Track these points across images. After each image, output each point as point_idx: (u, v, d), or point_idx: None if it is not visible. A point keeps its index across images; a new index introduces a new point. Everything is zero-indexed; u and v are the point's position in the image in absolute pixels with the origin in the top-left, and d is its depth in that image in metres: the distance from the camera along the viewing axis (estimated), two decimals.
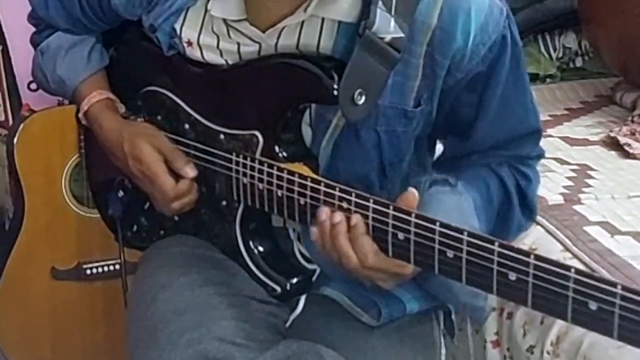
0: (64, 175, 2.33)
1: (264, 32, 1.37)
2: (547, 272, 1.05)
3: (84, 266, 2.39)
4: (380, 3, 1.26)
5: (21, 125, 2.33)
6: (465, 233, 1.13)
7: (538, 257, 1.06)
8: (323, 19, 1.34)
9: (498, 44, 1.34)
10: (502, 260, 1.09)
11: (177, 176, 1.47)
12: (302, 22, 1.35)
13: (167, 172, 1.46)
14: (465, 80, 1.35)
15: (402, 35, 1.27)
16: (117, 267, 2.25)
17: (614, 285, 0.99)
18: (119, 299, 1.75)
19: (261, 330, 1.42)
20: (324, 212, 1.26)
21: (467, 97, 1.38)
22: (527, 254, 1.07)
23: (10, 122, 2.82)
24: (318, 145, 1.39)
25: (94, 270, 2.39)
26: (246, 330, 1.39)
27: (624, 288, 0.99)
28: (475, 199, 1.35)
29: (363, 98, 1.28)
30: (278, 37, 1.37)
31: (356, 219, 1.23)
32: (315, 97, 1.34)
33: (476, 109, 1.38)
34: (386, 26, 1.26)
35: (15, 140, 2.32)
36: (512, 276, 1.08)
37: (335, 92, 1.28)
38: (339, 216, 1.24)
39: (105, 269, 2.39)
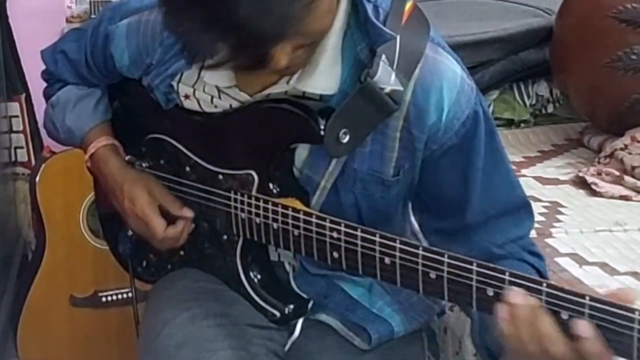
0: (82, 210, 2.36)
1: (251, 96, 1.36)
2: (521, 287, 1.08)
3: (100, 294, 2.41)
4: (384, 57, 1.26)
5: (43, 166, 2.36)
6: (446, 255, 1.15)
7: (513, 274, 1.10)
8: (304, 92, 1.33)
9: (471, 119, 1.31)
10: (480, 278, 1.12)
11: (168, 222, 1.48)
12: (286, 91, 1.34)
13: (159, 215, 1.48)
14: (439, 152, 1.32)
15: (401, 88, 1.26)
16: (130, 294, 2.26)
17: (583, 297, 1.03)
18: (132, 324, 1.76)
19: (259, 355, 1.44)
20: (518, 294, 1.10)
21: (449, 177, 1.34)
22: (502, 271, 1.10)
23: (33, 162, 2.85)
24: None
25: (109, 298, 2.41)
26: (243, 356, 1.40)
27: (591, 299, 1.03)
28: None
29: (347, 137, 1.28)
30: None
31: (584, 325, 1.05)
32: (303, 138, 1.34)
33: (464, 187, 1.34)
34: (387, 78, 1.25)
35: (37, 179, 2.34)
36: (490, 292, 1.11)
37: (322, 133, 1.28)
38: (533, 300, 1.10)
39: (120, 296, 2.41)
